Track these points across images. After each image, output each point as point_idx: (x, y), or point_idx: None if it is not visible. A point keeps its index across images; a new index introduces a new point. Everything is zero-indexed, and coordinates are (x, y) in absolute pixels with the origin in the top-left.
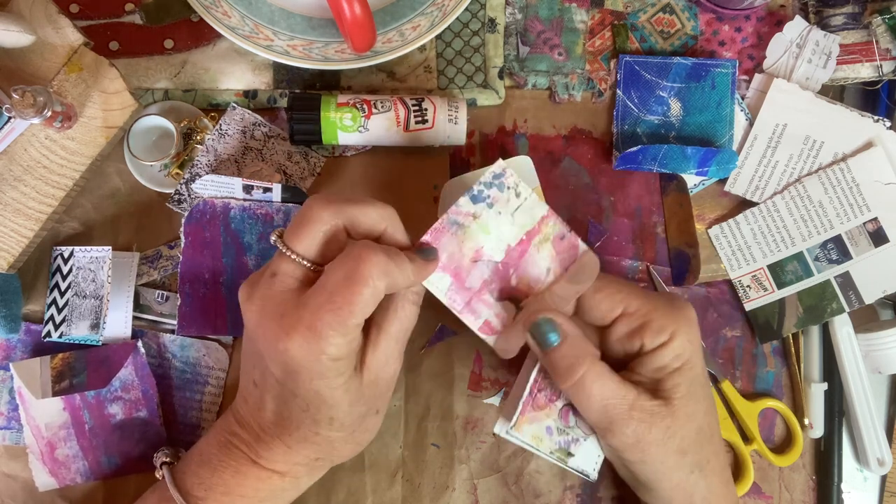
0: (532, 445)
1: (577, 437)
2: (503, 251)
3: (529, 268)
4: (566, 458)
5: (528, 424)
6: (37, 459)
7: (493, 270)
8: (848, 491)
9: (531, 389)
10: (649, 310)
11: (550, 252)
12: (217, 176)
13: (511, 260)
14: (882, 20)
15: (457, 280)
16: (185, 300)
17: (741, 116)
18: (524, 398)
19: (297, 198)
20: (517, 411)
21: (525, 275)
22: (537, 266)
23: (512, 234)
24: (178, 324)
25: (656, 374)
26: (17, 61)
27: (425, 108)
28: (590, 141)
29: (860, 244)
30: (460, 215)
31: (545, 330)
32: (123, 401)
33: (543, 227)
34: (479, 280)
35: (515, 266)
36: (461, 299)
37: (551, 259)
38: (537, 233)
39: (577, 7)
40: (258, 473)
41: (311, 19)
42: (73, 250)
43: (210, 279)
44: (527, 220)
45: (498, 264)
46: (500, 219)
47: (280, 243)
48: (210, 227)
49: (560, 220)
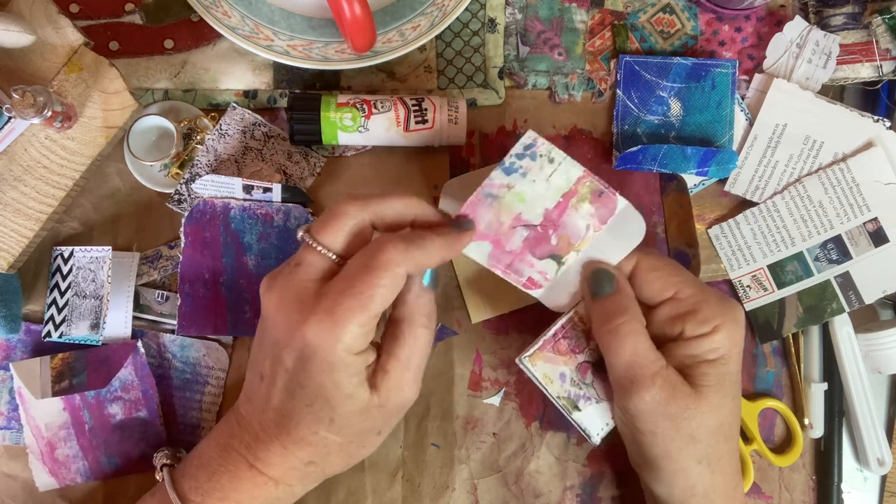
0: (542, 383)
1: (588, 396)
2: (541, 215)
3: (568, 226)
4: (572, 409)
5: (543, 362)
6: (37, 459)
7: (532, 232)
8: (848, 491)
9: (556, 332)
10: (700, 300)
11: (589, 209)
12: (217, 176)
13: (549, 221)
14: (882, 20)
15: (497, 246)
16: (185, 300)
17: (741, 116)
18: (547, 336)
19: (297, 198)
20: (536, 346)
21: (564, 233)
22: (576, 224)
23: (549, 197)
24: (179, 324)
25: (687, 360)
26: (17, 61)
27: (425, 109)
28: (590, 141)
29: (860, 244)
30: (494, 187)
31: (603, 279)
32: (123, 401)
33: (580, 187)
34: (520, 242)
35: (555, 226)
36: (503, 262)
37: (590, 215)
38: (574, 193)
39: (577, 7)
40: (254, 479)
41: (311, 19)
42: (73, 250)
43: (210, 279)
44: (563, 182)
45: (537, 227)
46: (535, 186)
47: (307, 236)
48: (210, 227)
49: (597, 178)
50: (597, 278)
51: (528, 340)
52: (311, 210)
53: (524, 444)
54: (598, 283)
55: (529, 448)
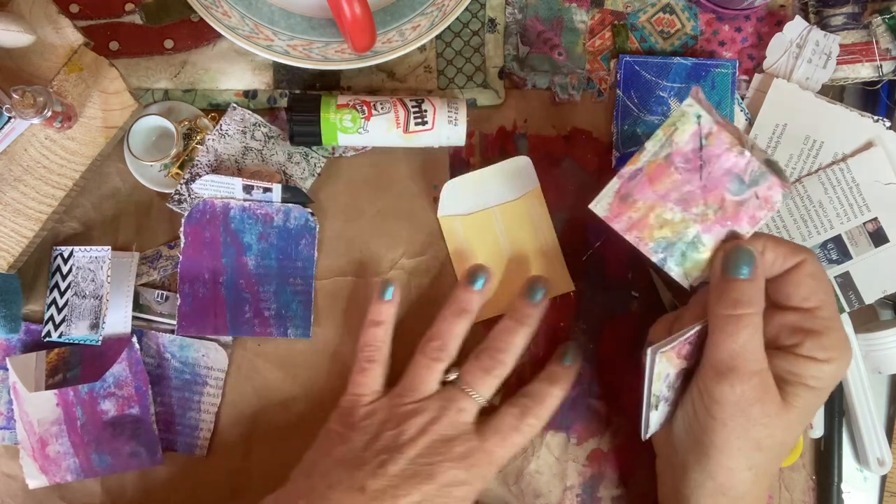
0: (653, 378)
1: (668, 399)
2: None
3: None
4: (656, 408)
5: (666, 361)
6: (28, 456)
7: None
8: (848, 491)
9: (689, 337)
10: (831, 326)
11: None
12: (217, 176)
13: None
14: (882, 20)
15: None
16: (184, 300)
17: (741, 116)
18: (682, 339)
19: (297, 198)
20: (672, 344)
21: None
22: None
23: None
24: (178, 324)
25: (788, 376)
26: (17, 61)
27: (425, 110)
28: (590, 141)
29: (860, 244)
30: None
31: (742, 259)
32: (116, 397)
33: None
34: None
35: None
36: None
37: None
38: None
39: (577, 7)
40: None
41: (311, 19)
42: (72, 250)
43: (210, 279)
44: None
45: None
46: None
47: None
48: (210, 227)
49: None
50: (736, 256)
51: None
52: (311, 210)
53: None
54: (735, 262)
55: (529, 448)
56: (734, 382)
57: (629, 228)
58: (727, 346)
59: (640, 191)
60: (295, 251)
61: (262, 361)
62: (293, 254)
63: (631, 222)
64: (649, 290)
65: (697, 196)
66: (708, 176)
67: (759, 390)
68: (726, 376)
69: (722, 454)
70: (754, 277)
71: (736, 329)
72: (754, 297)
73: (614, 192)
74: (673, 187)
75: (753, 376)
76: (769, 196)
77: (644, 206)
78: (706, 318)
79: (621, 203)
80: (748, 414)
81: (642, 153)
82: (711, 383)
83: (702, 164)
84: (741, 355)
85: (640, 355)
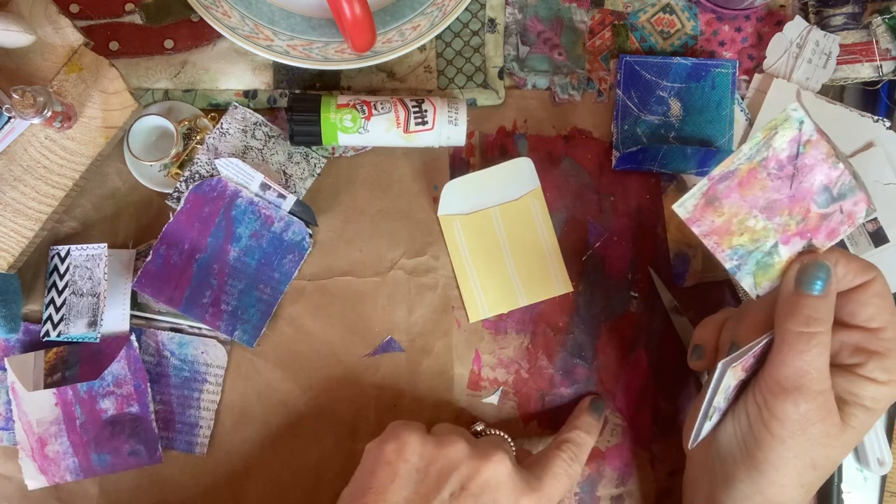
0: (718, 388)
1: (722, 409)
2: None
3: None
4: (710, 418)
5: (732, 373)
6: (27, 456)
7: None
8: (848, 491)
9: (755, 352)
10: (894, 348)
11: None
12: (242, 162)
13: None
14: (882, 20)
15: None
16: (155, 259)
17: (741, 116)
18: (751, 352)
19: (304, 215)
20: (741, 360)
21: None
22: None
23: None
24: (138, 279)
25: (847, 396)
26: (17, 61)
27: (425, 110)
28: (590, 141)
29: (860, 244)
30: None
31: (818, 274)
32: (115, 395)
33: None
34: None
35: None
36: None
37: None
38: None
39: (577, 7)
40: None
41: (311, 19)
42: (69, 249)
43: (188, 251)
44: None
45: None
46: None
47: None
48: (212, 204)
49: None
50: (812, 271)
51: (527, 340)
52: (311, 232)
53: (523, 444)
54: (810, 276)
55: (528, 447)
56: (799, 401)
57: (709, 233)
58: (795, 363)
59: (728, 195)
60: (278, 262)
61: (261, 361)
62: (275, 263)
63: (712, 227)
64: (649, 290)
65: (783, 205)
66: (798, 185)
67: (823, 410)
68: (791, 394)
69: (777, 471)
70: (827, 294)
71: (807, 347)
72: (826, 314)
73: (702, 194)
74: (761, 194)
75: (818, 395)
76: (854, 212)
77: (729, 211)
78: (771, 331)
79: (706, 206)
80: (809, 433)
81: (737, 155)
82: (774, 399)
83: (794, 173)
84: (808, 373)
85: (636, 356)
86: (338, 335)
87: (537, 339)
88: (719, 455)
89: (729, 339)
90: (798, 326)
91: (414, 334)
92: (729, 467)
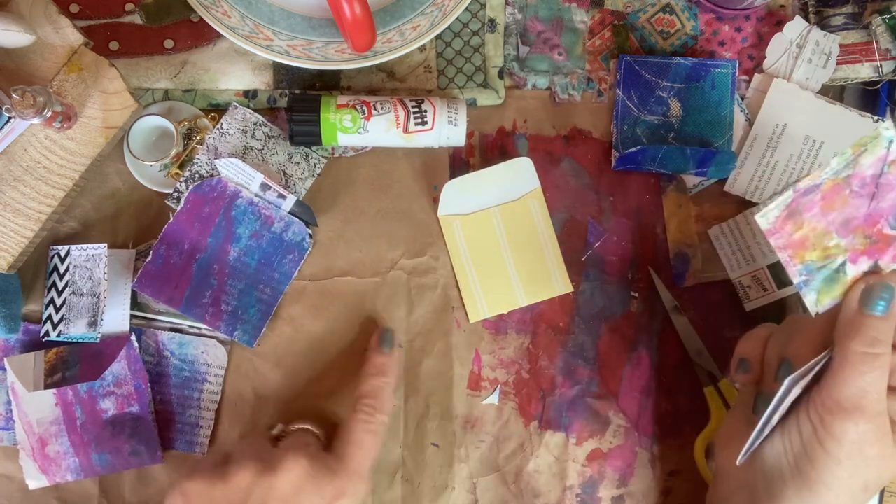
0: (782, 404)
1: (772, 426)
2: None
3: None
4: (765, 429)
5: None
6: (28, 456)
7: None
8: None
9: (815, 369)
10: None
11: None
12: (242, 162)
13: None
14: (882, 20)
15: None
16: (155, 259)
17: (741, 117)
18: (813, 371)
19: (305, 215)
20: (805, 378)
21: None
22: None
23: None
24: (138, 279)
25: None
26: (17, 61)
27: (425, 110)
28: (590, 141)
29: None
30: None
31: (883, 295)
32: (116, 395)
33: None
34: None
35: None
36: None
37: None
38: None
39: (577, 7)
40: None
41: (311, 19)
42: (69, 249)
43: (188, 251)
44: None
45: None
46: None
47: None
48: (212, 204)
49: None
50: (876, 293)
51: (527, 340)
52: (311, 232)
53: (523, 444)
54: (873, 297)
55: (528, 447)
56: (859, 421)
57: (785, 246)
58: (856, 384)
59: (810, 209)
60: (278, 262)
61: (261, 361)
62: (275, 264)
63: (790, 240)
64: (649, 290)
65: (858, 224)
66: (876, 205)
67: (880, 432)
68: (851, 414)
69: (830, 491)
70: (890, 316)
71: (870, 368)
72: (888, 335)
73: (785, 206)
74: (840, 210)
75: (876, 417)
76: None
77: (808, 225)
78: (829, 349)
79: (787, 218)
80: (865, 454)
81: (824, 169)
82: (832, 418)
83: (875, 192)
84: (869, 394)
85: (638, 356)
86: (338, 335)
87: (538, 339)
88: (764, 472)
89: (776, 354)
90: (862, 347)
91: (414, 334)
92: (775, 485)
